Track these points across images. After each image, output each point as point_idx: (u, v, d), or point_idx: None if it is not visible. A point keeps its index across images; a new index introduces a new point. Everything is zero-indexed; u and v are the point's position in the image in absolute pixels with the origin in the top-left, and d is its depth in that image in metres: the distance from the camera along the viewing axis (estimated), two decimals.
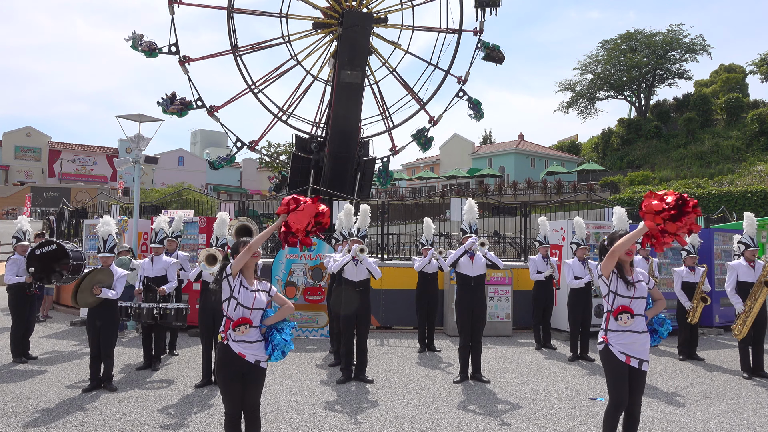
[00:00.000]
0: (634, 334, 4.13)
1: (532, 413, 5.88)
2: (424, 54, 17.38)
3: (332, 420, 5.59)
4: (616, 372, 4.19)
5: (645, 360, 4.16)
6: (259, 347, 3.99)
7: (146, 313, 7.21)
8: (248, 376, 3.99)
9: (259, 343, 3.99)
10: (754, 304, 7.45)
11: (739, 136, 43.50)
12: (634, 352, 4.13)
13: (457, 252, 7.36)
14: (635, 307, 4.13)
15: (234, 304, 3.92)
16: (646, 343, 4.18)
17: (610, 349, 4.17)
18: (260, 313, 4.00)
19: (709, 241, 11.45)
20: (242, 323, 3.90)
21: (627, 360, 4.13)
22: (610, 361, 4.20)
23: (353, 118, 17.04)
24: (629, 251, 4.13)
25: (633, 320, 4.10)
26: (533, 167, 52.10)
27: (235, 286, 3.94)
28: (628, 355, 4.13)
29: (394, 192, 50.77)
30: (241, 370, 3.96)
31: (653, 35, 52.47)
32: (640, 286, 4.18)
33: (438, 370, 7.82)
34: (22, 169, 63.14)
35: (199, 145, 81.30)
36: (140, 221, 11.27)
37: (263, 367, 4.03)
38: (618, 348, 4.15)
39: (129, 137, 11.22)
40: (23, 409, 5.78)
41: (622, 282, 4.16)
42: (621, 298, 4.14)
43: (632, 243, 3.98)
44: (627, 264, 4.21)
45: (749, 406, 6.27)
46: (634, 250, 4.17)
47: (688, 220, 3.63)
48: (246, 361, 3.93)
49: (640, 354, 4.14)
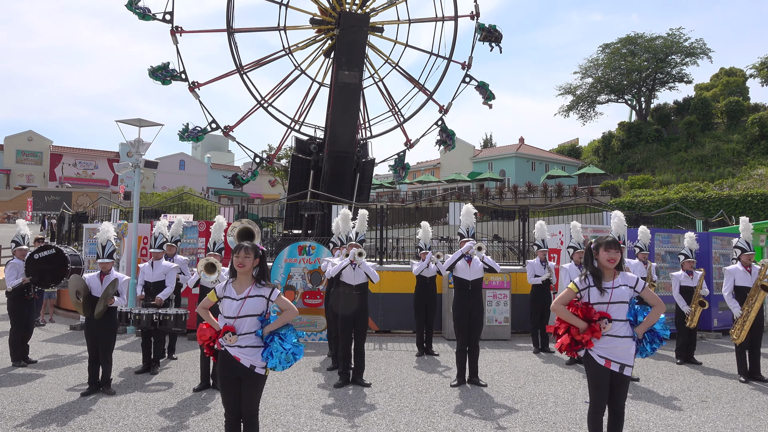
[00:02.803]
0: (615, 338, 4.11)
1: (528, 417, 5.90)
2: (424, 48, 17.73)
3: (329, 424, 5.62)
4: (595, 376, 4.20)
5: (627, 365, 4.13)
6: (254, 352, 3.96)
7: (146, 319, 7.25)
8: (244, 381, 3.98)
9: (254, 349, 3.96)
10: (751, 308, 7.46)
11: (739, 140, 43.48)
12: (614, 356, 4.12)
13: (454, 256, 7.38)
14: (613, 312, 4.12)
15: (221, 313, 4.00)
16: (629, 348, 4.15)
17: (590, 354, 4.19)
18: (251, 320, 3.97)
19: (708, 245, 11.48)
20: (226, 331, 3.92)
21: (607, 364, 4.13)
22: (589, 366, 4.22)
23: (352, 119, 17.14)
24: (611, 259, 4.14)
25: (611, 325, 4.09)
26: (534, 171, 52.11)
27: (222, 295, 4.02)
28: (608, 359, 4.13)
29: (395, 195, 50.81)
30: (237, 374, 3.96)
31: (653, 39, 52.53)
32: (617, 291, 4.13)
33: (435, 374, 7.84)
34: (23, 173, 63.30)
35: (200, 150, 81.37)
36: (140, 225, 11.31)
37: (259, 373, 3.98)
38: (597, 352, 4.16)
39: (129, 141, 11.27)
40: (22, 412, 5.81)
41: (595, 290, 4.16)
42: (597, 306, 4.15)
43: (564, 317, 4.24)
44: (607, 271, 4.20)
45: (745, 409, 6.28)
46: (615, 259, 4.15)
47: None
48: (241, 364, 3.94)
49: (622, 358, 4.12)
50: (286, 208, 18.88)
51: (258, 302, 4.01)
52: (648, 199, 31.84)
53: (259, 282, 4.06)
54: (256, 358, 3.96)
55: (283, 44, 18.98)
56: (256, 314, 3.99)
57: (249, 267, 4.03)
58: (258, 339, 3.99)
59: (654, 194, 34.05)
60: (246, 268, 4.01)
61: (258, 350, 3.97)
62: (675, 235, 11.77)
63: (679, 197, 30.28)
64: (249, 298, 3.99)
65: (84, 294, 6.50)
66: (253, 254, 4.05)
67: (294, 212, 17.67)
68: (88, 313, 6.52)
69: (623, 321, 4.16)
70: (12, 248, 8.49)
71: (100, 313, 6.45)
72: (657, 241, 11.37)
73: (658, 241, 11.40)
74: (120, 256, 10.96)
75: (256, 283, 4.06)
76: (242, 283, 4.05)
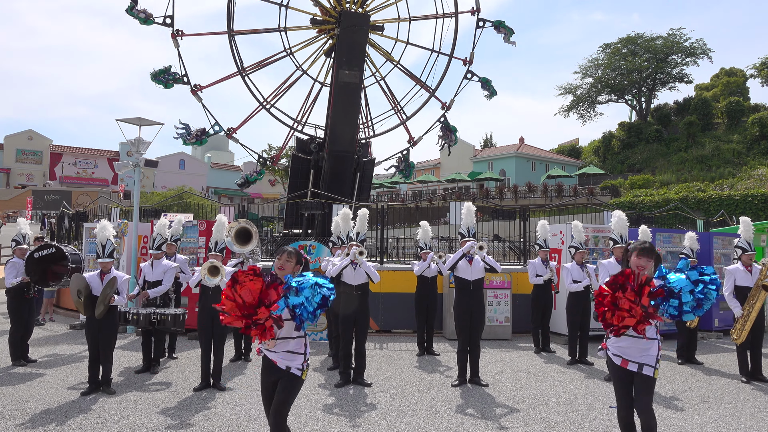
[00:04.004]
0: (633, 338, 4.10)
1: (529, 417, 5.89)
2: (425, 46, 17.63)
3: (330, 423, 5.60)
4: (614, 376, 4.26)
5: (646, 364, 4.09)
6: (291, 357, 3.98)
7: (144, 319, 7.24)
8: (280, 382, 4.01)
9: (291, 354, 3.98)
10: (752, 308, 7.45)
11: (739, 140, 43.49)
12: (630, 356, 4.12)
13: (455, 256, 7.36)
14: None
15: None
16: (649, 348, 4.11)
17: (608, 354, 4.23)
18: (290, 324, 3.93)
19: (709, 244, 11.47)
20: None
21: (623, 363, 4.13)
22: (609, 366, 4.30)
23: (352, 118, 17.14)
24: (639, 267, 4.03)
25: None
26: (534, 171, 52.10)
27: None
28: (624, 359, 4.13)
29: (395, 195, 50.78)
30: (275, 377, 4.02)
31: (654, 39, 52.54)
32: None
33: (436, 374, 7.82)
34: (23, 173, 63.28)
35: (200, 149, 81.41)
36: (140, 225, 11.30)
37: (295, 374, 3.99)
38: (613, 351, 4.18)
39: (129, 141, 11.25)
40: (22, 412, 5.79)
41: None
42: None
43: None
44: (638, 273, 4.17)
45: (747, 410, 6.27)
46: (644, 268, 4.02)
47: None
48: (278, 367, 3.97)
49: (639, 358, 4.10)
50: (286, 207, 18.86)
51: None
52: (648, 199, 31.83)
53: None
54: (293, 361, 3.98)
55: (284, 45, 18.98)
56: (289, 317, 3.93)
57: (288, 271, 4.02)
58: (295, 344, 3.99)
59: (654, 194, 34.05)
60: (285, 271, 4.01)
61: (295, 355, 4.00)
62: (676, 235, 11.76)
63: (679, 197, 30.27)
64: None
65: (85, 293, 6.48)
66: (295, 260, 4.07)
67: (294, 212, 17.65)
68: (89, 312, 6.51)
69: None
70: (12, 247, 8.48)
71: (101, 313, 6.43)
72: (658, 240, 11.35)
73: (659, 241, 11.39)
74: (120, 255, 10.94)
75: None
76: None
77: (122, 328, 10.23)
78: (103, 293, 6.43)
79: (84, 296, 6.48)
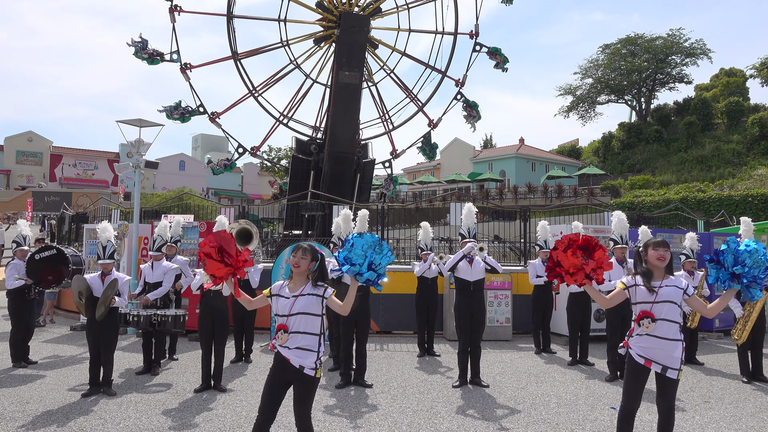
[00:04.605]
0: (656, 339, 4.09)
1: (530, 418, 5.89)
2: (421, 58, 17.57)
3: (331, 424, 5.60)
4: (632, 374, 4.21)
5: (671, 367, 4.08)
6: (305, 354, 3.92)
7: (144, 321, 7.24)
8: (295, 387, 3.98)
9: (304, 351, 3.92)
10: (753, 309, 7.46)
11: (739, 140, 43.50)
12: (654, 356, 4.11)
13: (455, 257, 7.37)
14: (657, 311, 4.10)
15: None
16: (674, 350, 4.09)
17: (630, 352, 4.20)
18: (303, 318, 3.93)
19: (709, 245, 11.46)
20: (279, 329, 3.93)
21: (647, 363, 4.12)
22: (629, 364, 4.23)
23: (352, 119, 17.16)
24: (660, 257, 4.15)
25: (655, 324, 4.08)
26: (534, 171, 52.11)
27: (275, 293, 4.04)
28: (647, 359, 4.12)
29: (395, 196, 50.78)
30: (286, 377, 3.96)
31: (653, 39, 52.56)
32: (664, 290, 4.13)
33: (437, 375, 7.82)
34: (23, 174, 63.33)
35: (200, 150, 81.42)
36: (140, 226, 11.30)
37: (309, 374, 3.92)
38: (636, 350, 4.17)
39: (129, 142, 11.26)
40: (23, 413, 5.80)
41: (642, 289, 4.18)
42: (642, 305, 4.16)
43: (601, 300, 4.22)
44: (657, 270, 4.21)
45: (748, 410, 6.27)
46: (665, 257, 4.15)
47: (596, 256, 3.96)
48: (291, 365, 3.91)
49: (664, 360, 4.09)
50: (286, 208, 18.85)
51: (311, 300, 3.97)
52: (648, 200, 31.84)
53: (315, 283, 4.04)
54: (306, 359, 3.92)
55: (281, 36, 19.01)
56: (308, 312, 3.95)
57: (304, 268, 4.01)
58: (309, 340, 3.94)
59: (654, 195, 34.06)
60: (301, 269, 4.00)
61: (308, 353, 3.94)
62: (676, 235, 11.76)
63: (679, 197, 30.28)
64: (302, 296, 3.96)
65: (86, 295, 6.48)
66: (310, 256, 4.06)
67: (294, 213, 17.65)
68: (90, 314, 6.51)
69: (671, 322, 4.12)
70: (13, 249, 8.48)
71: (102, 315, 6.44)
72: None
73: None
74: (121, 256, 10.95)
75: (312, 283, 4.04)
76: (297, 283, 4.04)
77: (123, 330, 10.23)
78: (104, 295, 6.44)
79: (85, 298, 6.48)
